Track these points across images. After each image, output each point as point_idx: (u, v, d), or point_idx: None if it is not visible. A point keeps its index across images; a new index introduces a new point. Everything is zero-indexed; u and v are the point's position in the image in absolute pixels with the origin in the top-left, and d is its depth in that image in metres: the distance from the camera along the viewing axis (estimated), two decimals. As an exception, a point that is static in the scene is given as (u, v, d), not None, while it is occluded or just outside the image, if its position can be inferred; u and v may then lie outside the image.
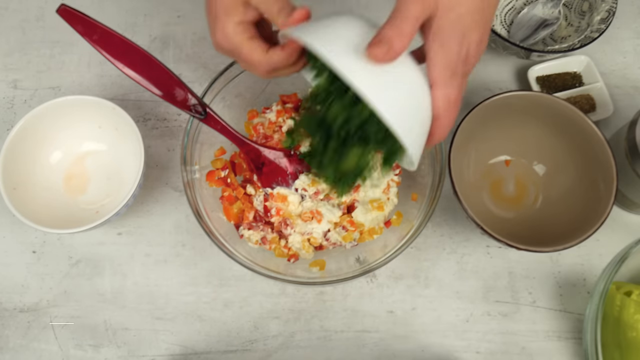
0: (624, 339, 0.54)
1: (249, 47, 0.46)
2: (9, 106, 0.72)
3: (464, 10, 0.39)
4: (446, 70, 0.40)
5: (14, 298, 0.63)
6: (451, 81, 0.41)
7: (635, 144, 0.56)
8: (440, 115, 0.42)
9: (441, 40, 0.40)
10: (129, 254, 0.65)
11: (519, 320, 0.62)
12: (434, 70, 0.40)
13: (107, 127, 0.66)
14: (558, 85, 0.71)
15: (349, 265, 0.59)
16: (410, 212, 0.61)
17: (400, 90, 0.40)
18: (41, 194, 0.63)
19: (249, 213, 0.61)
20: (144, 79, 0.52)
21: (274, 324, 0.62)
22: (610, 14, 0.67)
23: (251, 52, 0.46)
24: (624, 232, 0.65)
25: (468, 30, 0.40)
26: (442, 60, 0.40)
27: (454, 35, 0.40)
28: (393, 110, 0.39)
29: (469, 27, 0.40)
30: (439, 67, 0.40)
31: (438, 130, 0.43)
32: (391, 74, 0.39)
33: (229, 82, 0.62)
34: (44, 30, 0.76)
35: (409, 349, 0.61)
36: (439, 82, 0.41)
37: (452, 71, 0.40)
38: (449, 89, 0.41)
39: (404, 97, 0.40)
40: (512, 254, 0.65)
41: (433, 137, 0.43)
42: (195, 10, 0.77)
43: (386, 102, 0.38)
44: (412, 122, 0.40)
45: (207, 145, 0.63)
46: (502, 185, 0.66)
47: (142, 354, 0.61)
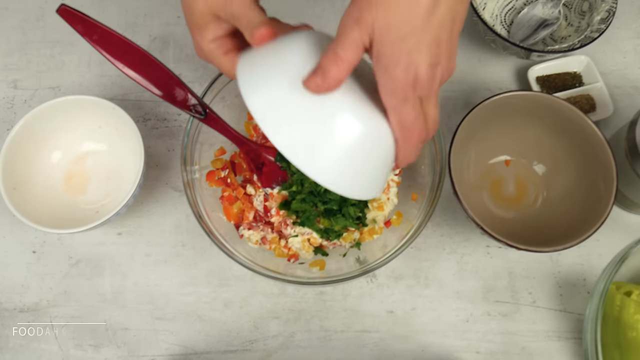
0: (624, 339, 0.54)
1: (224, 62, 0.46)
2: (9, 106, 0.72)
3: (404, 31, 0.36)
4: (393, 95, 0.38)
5: (14, 298, 0.63)
6: (403, 106, 0.39)
7: (635, 144, 0.56)
8: (398, 139, 0.41)
9: (383, 64, 0.37)
10: (129, 254, 0.65)
11: (519, 320, 0.62)
12: (384, 97, 0.39)
13: (107, 127, 0.66)
14: (558, 85, 0.71)
15: (349, 265, 0.59)
16: (410, 212, 0.61)
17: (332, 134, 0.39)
18: (41, 194, 0.63)
19: (249, 213, 0.61)
20: (144, 79, 0.52)
21: (274, 324, 0.62)
22: (610, 14, 0.67)
23: (227, 67, 0.46)
24: (624, 232, 0.65)
25: (413, 51, 0.36)
26: (388, 86, 0.38)
27: (395, 59, 0.36)
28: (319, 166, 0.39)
29: (414, 48, 0.36)
30: (385, 93, 0.38)
31: (399, 154, 0.43)
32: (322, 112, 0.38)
33: (229, 82, 0.62)
34: (44, 30, 0.76)
35: (409, 349, 0.61)
36: (389, 108, 0.39)
37: (401, 96, 0.38)
38: (401, 115, 0.39)
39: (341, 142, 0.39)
40: (512, 254, 0.65)
41: (397, 160, 0.43)
42: (195, 10, 0.77)
43: (309, 161, 0.39)
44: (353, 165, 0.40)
45: (207, 145, 0.63)
46: (502, 185, 0.66)
47: (142, 354, 0.61)
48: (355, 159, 0.40)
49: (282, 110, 0.38)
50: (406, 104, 0.38)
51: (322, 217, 0.58)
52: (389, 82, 0.37)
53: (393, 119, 0.40)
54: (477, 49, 0.74)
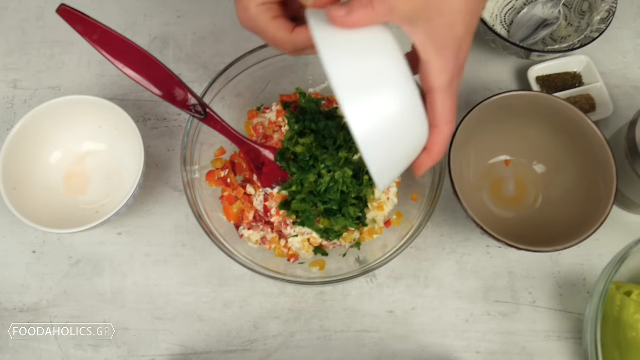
0: (624, 339, 0.54)
1: (272, 27, 0.44)
2: (9, 106, 0.72)
3: (457, 18, 0.37)
4: (446, 77, 0.38)
5: (14, 298, 0.63)
6: (450, 89, 0.39)
7: (635, 144, 0.56)
8: (441, 125, 0.39)
9: (437, 46, 0.37)
10: (129, 254, 0.65)
11: (519, 320, 0.62)
12: (432, 78, 0.38)
13: (107, 127, 0.66)
14: (558, 85, 0.71)
15: (349, 265, 0.59)
16: (410, 212, 0.61)
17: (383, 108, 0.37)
18: (41, 194, 0.63)
19: (249, 213, 0.61)
20: (144, 79, 0.52)
21: (274, 324, 0.62)
22: (610, 14, 0.67)
23: (275, 33, 0.44)
24: (624, 232, 0.65)
25: (463, 35, 0.38)
26: (440, 67, 0.38)
27: (451, 42, 0.38)
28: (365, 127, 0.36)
29: (465, 32, 0.38)
30: (438, 74, 0.38)
31: (438, 142, 0.40)
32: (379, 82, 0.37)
33: (229, 82, 0.62)
34: (44, 30, 0.76)
35: (409, 349, 0.61)
36: (438, 90, 0.38)
37: (450, 79, 0.38)
38: (450, 98, 0.39)
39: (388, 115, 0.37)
40: (512, 254, 0.65)
41: (431, 151, 0.41)
42: (195, 10, 0.77)
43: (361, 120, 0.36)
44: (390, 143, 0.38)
45: (207, 145, 0.63)
46: (502, 185, 0.66)
47: (142, 354, 0.61)
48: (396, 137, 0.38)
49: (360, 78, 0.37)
50: (453, 87, 0.39)
51: (322, 217, 0.59)
52: (444, 63, 0.38)
53: (441, 100, 0.39)
54: (477, 49, 0.74)
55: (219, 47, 0.74)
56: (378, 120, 0.36)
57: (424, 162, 0.42)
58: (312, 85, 0.67)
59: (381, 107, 0.36)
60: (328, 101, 0.65)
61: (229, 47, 0.74)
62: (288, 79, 0.66)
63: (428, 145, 0.41)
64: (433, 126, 0.40)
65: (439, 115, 0.39)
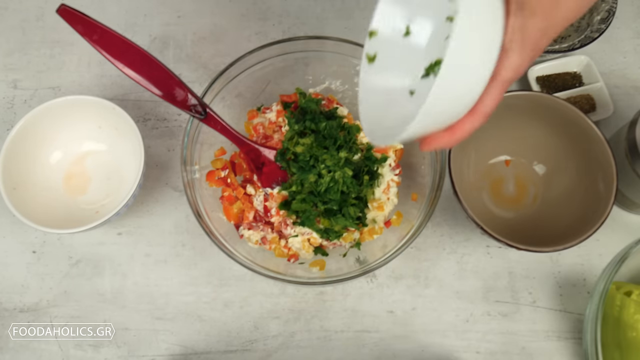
0: (624, 339, 0.54)
1: None
2: (9, 106, 0.72)
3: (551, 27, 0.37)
4: (513, 74, 0.37)
5: (14, 298, 0.63)
6: (506, 85, 0.38)
7: (635, 144, 0.56)
8: (477, 113, 0.38)
9: (524, 42, 0.36)
10: (129, 254, 0.65)
11: (519, 320, 0.62)
12: (502, 68, 0.37)
13: (107, 127, 0.66)
14: (558, 85, 0.71)
15: (349, 265, 0.59)
16: (410, 212, 0.61)
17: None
18: (41, 194, 0.63)
19: (249, 213, 0.61)
20: (144, 79, 0.52)
21: (274, 324, 0.62)
22: (610, 14, 0.67)
23: None
24: (624, 232, 0.65)
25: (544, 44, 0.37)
26: (516, 63, 0.37)
27: (535, 45, 0.37)
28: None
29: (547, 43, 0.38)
30: (508, 67, 0.37)
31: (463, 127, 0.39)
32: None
33: (229, 82, 0.62)
34: (44, 30, 0.76)
35: (409, 349, 0.61)
36: (499, 81, 0.37)
37: (513, 78, 0.37)
38: (501, 93, 0.38)
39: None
40: (512, 254, 0.65)
41: (454, 132, 0.39)
42: (195, 10, 0.77)
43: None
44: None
45: (207, 145, 0.63)
46: (502, 185, 0.66)
47: (142, 354, 0.61)
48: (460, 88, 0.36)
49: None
50: (508, 85, 0.38)
51: (322, 217, 0.59)
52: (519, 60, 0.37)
53: (495, 90, 0.37)
54: (477, 49, 0.74)
55: (219, 47, 0.74)
56: (470, 47, 0.34)
57: (442, 140, 0.40)
58: (312, 85, 0.67)
59: (478, 42, 0.35)
60: (328, 101, 0.65)
61: (229, 47, 0.74)
62: (288, 79, 0.66)
63: (455, 126, 0.39)
64: (471, 111, 0.38)
65: (483, 104, 0.38)
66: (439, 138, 0.40)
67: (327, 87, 0.68)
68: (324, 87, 0.68)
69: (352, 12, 0.77)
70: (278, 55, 0.63)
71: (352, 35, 0.62)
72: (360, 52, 0.45)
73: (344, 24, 0.76)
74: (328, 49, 0.63)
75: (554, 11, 0.36)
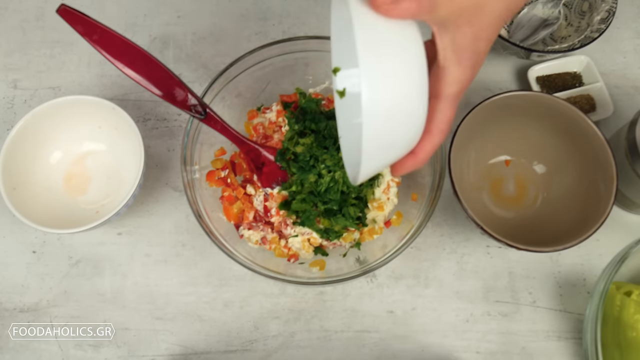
0: (624, 339, 0.54)
1: None
2: (9, 106, 0.72)
3: (484, 33, 0.37)
4: (457, 87, 0.38)
5: (14, 298, 0.63)
6: (455, 100, 0.39)
7: (635, 144, 0.56)
8: (434, 133, 0.39)
9: (458, 55, 0.37)
10: (129, 254, 0.65)
11: (519, 320, 0.62)
12: (444, 85, 0.38)
13: (107, 127, 0.66)
14: (558, 85, 0.71)
15: (349, 265, 0.59)
16: (410, 212, 0.61)
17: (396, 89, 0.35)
18: (41, 194, 0.63)
19: (249, 213, 0.61)
20: (144, 79, 0.52)
21: (274, 324, 0.62)
22: (610, 14, 0.67)
23: None
24: (624, 232, 0.65)
25: (483, 51, 0.38)
26: (457, 77, 0.38)
27: (471, 55, 0.38)
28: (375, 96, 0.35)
29: (485, 48, 0.38)
30: (451, 82, 0.38)
31: (425, 149, 0.40)
32: (396, 58, 0.36)
33: (229, 82, 0.62)
34: (44, 30, 0.76)
35: (409, 349, 0.61)
36: (445, 97, 0.38)
37: (460, 91, 0.38)
38: (452, 108, 0.39)
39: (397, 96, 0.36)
40: (512, 254, 0.65)
41: (417, 155, 0.41)
42: (195, 10, 0.77)
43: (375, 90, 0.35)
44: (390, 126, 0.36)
45: (207, 145, 0.63)
46: (502, 185, 0.66)
47: (142, 354, 0.61)
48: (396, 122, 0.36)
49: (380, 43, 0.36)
50: (458, 98, 0.39)
51: (322, 217, 0.59)
52: (461, 74, 0.38)
53: (445, 108, 0.39)
54: (477, 49, 0.74)
55: (219, 47, 0.74)
56: (386, 94, 0.35)
57: (407, 164, 0.41)
58: (312, 85, 0.67)
59: (394, 84, 0.35)
60: (328, 101, 0.65)
61: (229, 47, 0.74)
62: (288, 79, 0.66)
63: (416, 148, 0.40)
64: (427, 131, 0.39)
65: (436, 122, 0.39)
66: (405, 163, 0.42)
67: (327, 87, 0.68)
68: (324, 87, 0.68)
69: (352, 12, 0.77)
70: (278, 55, 0.63)
71: (352, 35, 0.62)
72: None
73: (344, 24, 0.76)
74: (328, 49, 0.62)
75: (478, 17, 0.37)
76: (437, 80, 0.38)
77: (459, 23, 0.36)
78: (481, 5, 0.37)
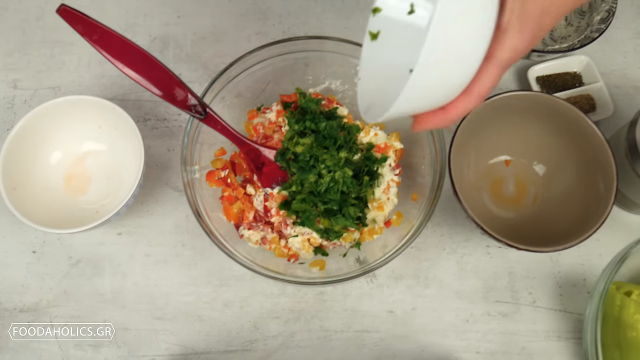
0: (624, 339, 0.54)
1: None
2: (9, 106, 0.72)
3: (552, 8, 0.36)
4: (511, 54, 0.37)
5: (14, 298, 0.63)
6: (504, 67, 0.37)
7: (635, 144, 0.56)
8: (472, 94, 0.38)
9: (522, 23, 0.36)
10: (129, 254, 0.65)
11: (519, 320, 0.62)
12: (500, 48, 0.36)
13: (107, 127, 0.66)
14: (558, 85, 0.71)
15: (349, 265, 0.59)
16: (410, 212, 0.61)
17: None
18: (41, 194, 0.63)
19: (249, 213, 0.61)
20: (144, 79, 0.52)
21: (274, 324, 0.62)
22: (610, 14, 0.67)
23: None
24: (624, 232, 0.65)
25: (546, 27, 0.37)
26: (515, 44, 0.36)
27: (534, 27, 0.36)
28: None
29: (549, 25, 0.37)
30: (507, 47, 0.36)
31: (457, 108, 0.38)
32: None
33: (229, 82, 0.62)
34: (44, 30, 0.76)
35: (409, 349, 0.61)
36: (497, 61, 0.37)
37: (513, 59, 0.37)
38: (498, 74, 0.37)
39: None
40: (512, 254, 0.65)
41: (448, 112, 0.38)
42: (195, 10, 0.77)
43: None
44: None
45: (207, 145, 0.63)
46: (502, 185, 0.66)
47: (142, 354, 0.61)
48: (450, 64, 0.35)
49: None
50: (508, 66, 0.38)
51: (322, 217, 0.59)
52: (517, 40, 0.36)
53: (492, 70, 0.37)
54: (477, 49, 0.74)
55: (219, 47, 0.74)
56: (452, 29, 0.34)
57: (435, 119, 0.39)
58: (312, 85, 0.67)
59: (465, 19, 0.34)
60: (328, 101, 0.65)
61: (229, 47, 0.74)
62: (288, 79, 0.66)
63: (449, 105, 0.39)
64: (466, 91, 0.38)
65: (479, 84, 0.38)
66: (432, 117, 0.39)
67: (327, 87, 0.68)
68: (324, 87, 0.68)
69: (352, 12, 0.77)
70: (278, 55, 0.63)
71: (352, 35, 0.62)
72: (360, 53, 0.45)
73: (344, 24, 0.76)
74: (328, 49, 0.63)
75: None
76: (494, 42, 0.37)
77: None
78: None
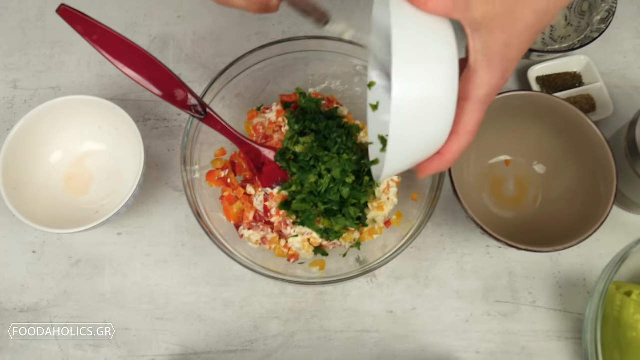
0: (624, 339, 0.54)
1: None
2: (9, 106, 0.72)
3: (515, 40, 0.38)
4: (486, 90, 0.38)
5: (14, 298, 0.63)
6: (484, 103, 0.39)
7: (635, 144, 0.56)
8: (462, 133, 0.39)
9: (489, 59, 0.38)
10: (129, 254, 0.65)
11: (519, 320, 0.62)
12: (473, 87, 0.38)
13: (107, 127, 0.66)
14: (558, 85, 0.71)
15: (349, 265, 0.59)
16: (410, 212, 0.61)
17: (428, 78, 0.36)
18: (41, 194, 0.63)
19: (249, 213, 0.61)
20: (144, 79, 0.52)
21: (274, 324, 0.62)
22: (610, 13, 0.67)
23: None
24: (624, 232, 0.65)
25: (514, 58, 0.39)
26: (487, 80, 0.38)
27: (502, 60, 0.38)
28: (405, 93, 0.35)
29: (516, 56, 0.39)
30: (480, 85, 0.38)
31: (452, 149, 0.40)
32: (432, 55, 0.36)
33: (229, 82, 0.62)
34: (44, 30, 0.76)
35: (409, 349, 0.61)
36: (474, 100, 0.38)
37: (488, 94, 0.39)
38: (481, 112, 0.39)
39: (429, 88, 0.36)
40: (512, 254, 0.65)
41: (444, 155, 0.41)
42: (195, 10, 0.77)
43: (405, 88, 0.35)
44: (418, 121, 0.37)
45: (207, 145, 0.63)
46: (502, 185, 0.66)
47: (142, 354, 0.61)
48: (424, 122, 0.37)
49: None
50: (487, 102, 0.39)
51: (322, 217, 0.59)
52: (492, 78, 0.38)
53: (475, 110, 0.39)
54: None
55: (219, 47, 0.75)
56: (416, 95, 0.36)
57: (433, 165, 0.42)
58: (312, 85, 0.67)
59: (424, 85, 0.36)
60: (328, 101, 0.65)
61: (229, 47, 0.74)
62: (288, 79, 0.66)
63: (443, 149, 0.40)
64: (454, 132, 0.39)
65: (464, 124, 0.39)
66: (430, 165, 0.42)
67: (327, 87, 0.68)
68: (324, 87, 0.68)
69: (352, 12, 0.77)
70: (278, 55, 0.63)
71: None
72: (360, 52, 0.45)
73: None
74: (328, 49, 0.63)
75: (510, 24, 0.37)
76: (467, 82, 0.38)
77: (491, 27, 0.37)
78: (513, 12, 0.37)
